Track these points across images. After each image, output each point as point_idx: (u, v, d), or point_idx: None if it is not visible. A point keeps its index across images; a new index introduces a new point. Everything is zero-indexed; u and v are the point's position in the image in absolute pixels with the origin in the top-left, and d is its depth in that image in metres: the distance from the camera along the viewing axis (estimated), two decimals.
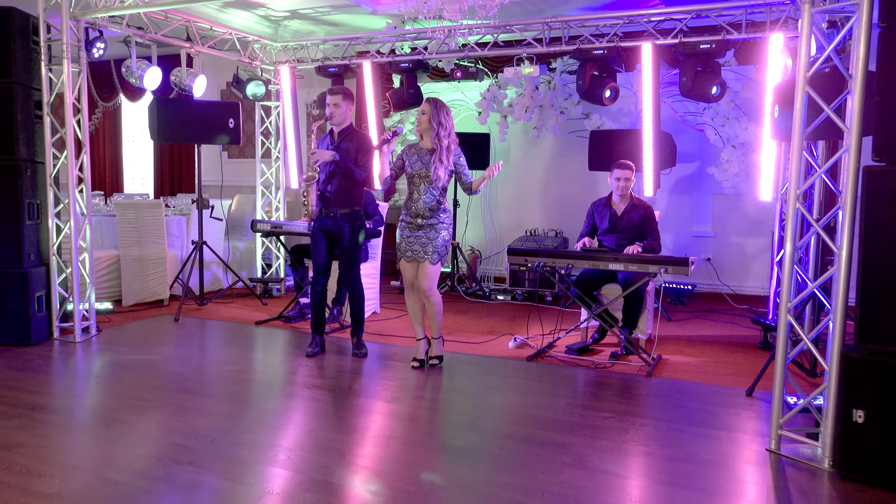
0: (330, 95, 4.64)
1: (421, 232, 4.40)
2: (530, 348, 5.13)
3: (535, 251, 4.77)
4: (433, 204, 4.38)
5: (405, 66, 6.30)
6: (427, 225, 4.39)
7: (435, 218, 4.39)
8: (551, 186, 7.74)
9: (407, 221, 4.47)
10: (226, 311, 6.38)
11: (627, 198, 5.15)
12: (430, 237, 4.38)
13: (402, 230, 4.49)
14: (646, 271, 4.46)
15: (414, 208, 4.42)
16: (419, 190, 4.41)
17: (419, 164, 4.41)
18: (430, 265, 4.39)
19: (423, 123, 4.39)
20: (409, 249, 4.45)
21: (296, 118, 7.05)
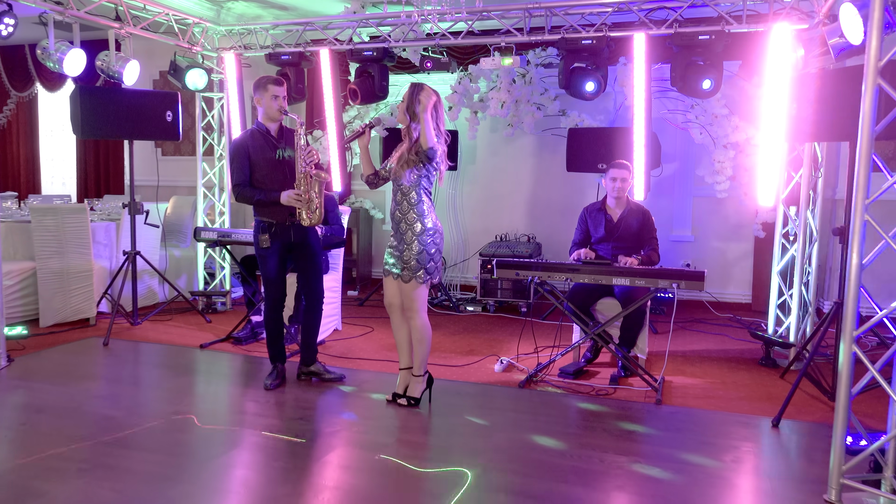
0: (278, 87, 4.00)
1: (398, 242, 3.81)
2: (519, 371, 4.59)
3: (528, 264, 4.21)
4: (402, 208, 3.76)
5: (368, 55, 5.64)
6: (400, 233, 3.79)
7: (406, 224, 3.75)
8: (522, 188, 7.23)
9: (390, 233, 3.89)
10: (164, 330, 5.58)
11: (624, 202, 4.66)
12: (403, 250, 3.76)
13: (388, 242, 3.91)
14: (654, 286, 3.97)
15: (389, 216, 3.84)
16: (393, 193, 3.83)
17: (395, 161, 3.82)
18: (402, 283, 3.77)
19: (398, 114, 3.78)
20: (388, 262, 3.84)
21: (242, 111, 6.29)
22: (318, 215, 3.97)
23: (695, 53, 4.86)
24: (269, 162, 4.01)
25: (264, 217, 4.05)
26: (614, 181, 4.60)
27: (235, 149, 4.03)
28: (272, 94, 3.97)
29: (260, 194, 3.98)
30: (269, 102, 3.99)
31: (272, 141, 4.05)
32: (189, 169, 8.14)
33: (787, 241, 4.92)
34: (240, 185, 4.03)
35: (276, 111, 3.99)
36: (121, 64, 5.26)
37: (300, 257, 4.13)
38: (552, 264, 4.18)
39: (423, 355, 3.87)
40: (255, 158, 4.01)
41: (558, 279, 4.17)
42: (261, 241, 4.04)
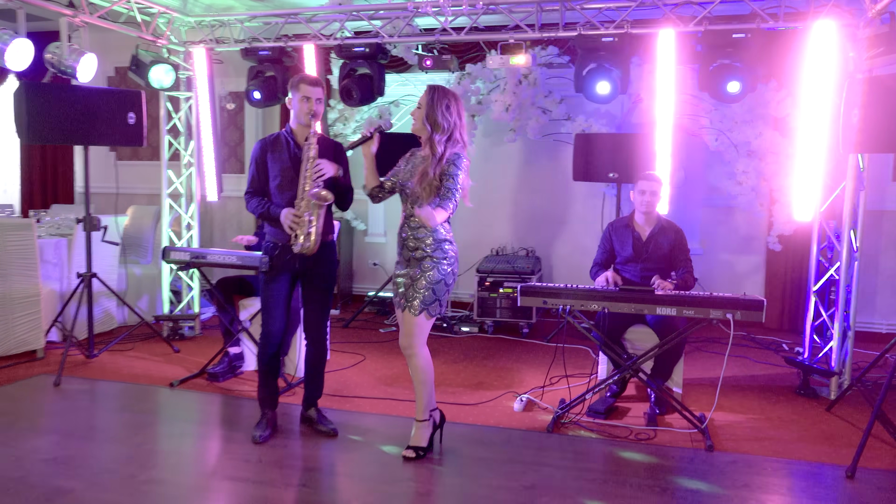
0: (312, 87, 3.40)
1: (402, 268, 3.27)
2: (541, 410, 4.06)
3: (557, 291, 3.69)
4: (417, 233, 3.22)
5: (360, 51, 5.05)
6: (411, 259, 3.23)
7: (422, 250, 3.21)
8: (519, 197, 6.71)
9: (397, 254, 3.31)
10: (125, 364, 4.87)
11: (653, 218, 4.18)
12: (414, 276, 3.21)
13: (396, 264, 3.32)
14: (705, 317, 3.49)
15: (399, 235, 3.30)
16: (406, 212, 3.28)
17: (408, 173, 3.25)
18: (409, 315, 3.21)
19: (415, 123, 3.22)
20: (396, 291, 3.29)
21: (214, 113, 5.61)
22: (313, 244, 3.36)
23: (725, 54, 4.41)
24: (285, 172, 3.44)
25: (271, 235, 3.52)
26: (643, 194, 4.11)
27: (254, 153, 3.53)
28: (303, 94, 3.37)
29: (262, 207, 3.44)
30: (299, 104, 3.39)
31: (293, 149, 3.45)
32: (149, 175, 7.39)
33: (825, 259, 4.52)
34: (248, 193, 3.55)
35: (305, 115, 3.39)
36: (75, 57, 4.55)
37: (309, 289, 3.55)
38: (587, 291, 3.66)
39: (427, 397, 3.34)
40: (271, 167, 3.47)
41: (595, 307, 3.66)
42: (261, 263, 3.47)
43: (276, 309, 3.47)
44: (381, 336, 5.85)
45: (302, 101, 3.38)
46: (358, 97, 5.03)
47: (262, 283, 3.49)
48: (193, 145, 5.74)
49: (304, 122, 3.41)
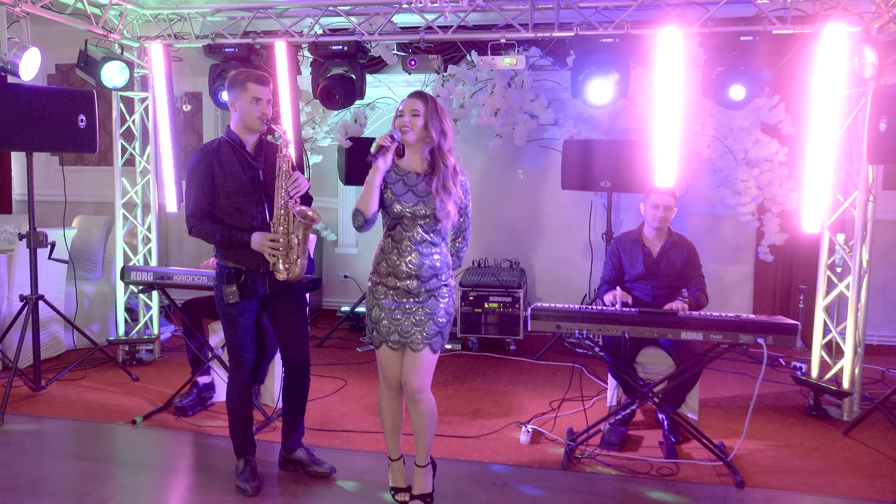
0: (261, 86, 2.97)
1: (413, 301, 2.85)
2: (550, 442, 3.74)
3: (571, 314, 3.37)
4: (431, 259, 2.86)
5: (337, 50, 4.64)
6: (423, 291, 2.85)
7: (436, 279, 2.87)
8: (500, 206, 6.38)
9: (390, 285, 2.87)
10: (78, 396, 4.34)
11: (665, 232, 3.92)
12: (429, 309, 2.86)
13: (381, 298, 2.88)
14: (734, 342, 3.23)
15: (403, 266, 2.84)
16: (412, 237, 2.85)
17: (410, 196, 2.84)
18: (428, 353, 2.86)
19: (415, 130, 2.82)
20: (396, 330, 2.86)
21: (173, 116, 5.11)
22: (300, 268, 2.97)
23: (731, 57, 4.19)
24: (241, 188, 2.97)
25: (230, 262, 3.01)
26: (656, 208, 3.84)
27: (195, 165, 2.97)
28: (252, 94, 2.93)
29: (223, 233, 2.94)
30: (248, 106, 2.94)
31: (247, 159, 3.00)
32: (96, 181, 6.81)
33: (833, 273, 4.35)
34: (195, 215, 2.97)
35: (255, 119, 2.95)
36: (16, 52, 4.00)
37: (277, 313, 3.12)
38: (606, 314, 3.35)
39: (431, 439, 2.98)
40: (221, 181, 2.96)
41: (613, 332, 3.35)
42: (225, 294, 2.97)
43: (248, 342, 3.04)
44: (360, 356, 5.44)
45: (251, 103, 2.92)
46: (341, 99, 4.62)
47: (226, 317, 3.02)
48: (150, 150, 5.21)
49: (255, 127, 2.96)
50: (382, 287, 2.88)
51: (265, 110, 2.95)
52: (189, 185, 2.98)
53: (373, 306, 2.90)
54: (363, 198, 2.80)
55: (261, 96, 2.94)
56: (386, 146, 2.80)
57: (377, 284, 2.90)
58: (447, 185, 2.83)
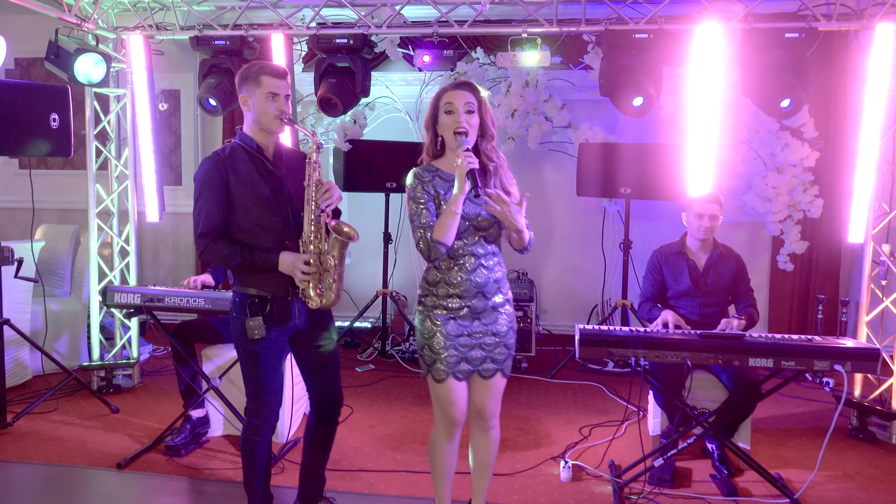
0: (277, 79, 2.52)
1: (481, 322, 2.49)
2: (593, 479, 3.38)
3: (624, 339, 3.01)
4: (496, 275, 2.52)
5: (342, 43, 4.21)
6: (489, 309, 2.49)
7: (501, 294, 2.53)
8: None
9: (452, 308, 2.49)
10: (51, 433, 3.81)
11: (710, 244, 3.60)
12: (500, 330, 2.52)
13: (443, 323, 2.48)
14: (808, 368, 2.91)
15: (467, 284, 2.46)
16: (474, 251, 2.47)
17: (468, 204, 2.45)
18: (500, 379, 2.56)
19: (474, 130, 2.45)
20: (464, 357, 2.49)
21: (155, 115, 4.61)
22: (335, 294, 2.52)
23: (773, 56, 3.90)
24: (262, 200, 2.52)
25: (252, 288, 2.54)
26: (701, 218, 3.51)
27: (205, 176, 2.50)
28: (267, 89, 2.49)
29: (243, 255, 2.47)
30: (264, 104, 2.50)
31: (266, 166, 2.56)
32: (60, 186, 6.24)
33: (879, 286, 4.09)
34: (207, 235, 2.49)
35: (273, 118, 2.51)
36: None
37: (309, 346, 2.67)
38: (663, 340, 3.00)
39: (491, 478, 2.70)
40: (238, 193, 2.50)
41: (672, 358, 3.01)
42: (249, 329, 2.49)
43: (277, 383, 2.59)
44: (361, 378, 5.01)
45: (266, 100, 2.48)
46: (342, 103, 4.19)
47: (248, 354, 2.55)
48: (128, 153, 4.70)
49: (272, 128, 2.52)
50: (442, 311, 2.48)
51: (283, 107, 2.51)
52: (199, 199, 2.50)
53: (432, 335, 2.48)
54: (444, 227, 2.38)
55: (278, 91, 2.50)
56: (476, 168, 2.35)
57: (434, 308, 2.50)
58: (506, 186, 2.50)
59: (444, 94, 2.47)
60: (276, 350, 2.57)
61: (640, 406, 4.35)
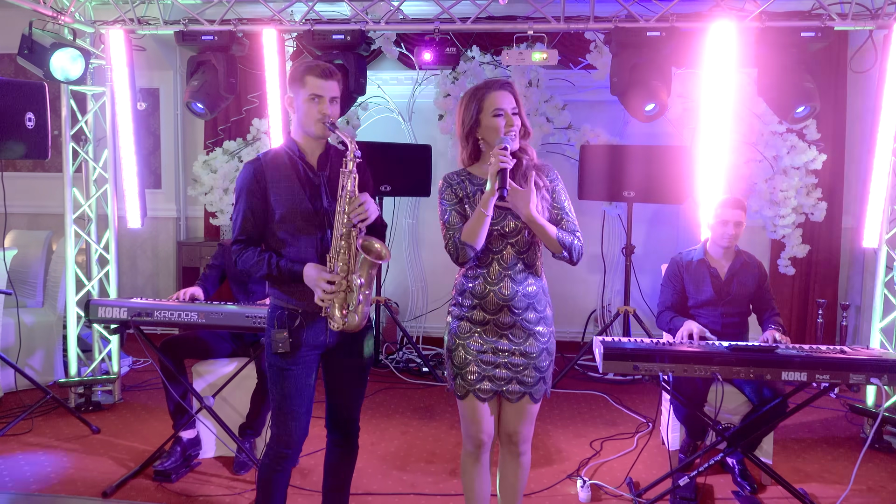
0: (323, 80, 2.31)
1: (509, 340, 2.32)
2: (613, 498, 3.22)
3: (650, 353, 2.85)
4: (529, 283, 2.33)
5: (339, 40, 3.99)
6: (518, 326, 2.31)
7: (533, 311, 2.34)
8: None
9: (477, 321, 2.33)
10: (27, 460, 3.53)
11: (732, 251, 3.46)
12: (530, 350, 2.33)
13: (467, 337, 2.33)
14: (843, 382, 2.78)
15: (492, 296, 2.30)
16: (502, 258, 2.31)
17: (497, 212, 2.30)
18: (529, 404, 2.37)
19: (512, 131, 2.29)
20: (488, 375, 2.32)
21: (136, 116, 4.33)
22: (360, 317, 2.30)
23: (789, 56, 3.78)
24: (299, 209, 2.34)
25: (282, 300, 2.38)
26: (726, 225, 3.37)
27: (242, 182, 2.37)
28: (311, 91, 2.29)
29: (270, 264, 2.32)
30: (306, 106, 2.31)
31: (308, 173, 2.37)
32: (30, 190, 5.91)
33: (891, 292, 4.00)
34: (240, 241, 2.38)
35: (315, 122, 2.31)
36: None
37: (338, 368, 2.47)
38: (692, 354, 2.85)
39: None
40: (275, 201, 2.34)
41: (701, 373, 2.85)
42: (274, 341, 2.33)
43: (302, 406, 2.37)
44: None
45: (310, 103, 2.29)
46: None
47: (274, 370, 2.37)
48: (108, 155, 4.41)
49: (315, 132, 2.33)
50: (467, 323, 2.34)
51: (327, 110, 2.30)
52: (236, 204, 2.39)
53: (456, 347, 2.35)
54: (472, 230, 2.24)
55: (322, 93, 2.29)
56: (509, 167, 2.20)
57: (461, 320, 2.35)
58: (529, 175, 2.30)
59: (487, 96, 2.30)
60: (304, 367, 2.37)
61: (648, 417, 4.24)
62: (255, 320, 3.10)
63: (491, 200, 2.20)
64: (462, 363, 2.32)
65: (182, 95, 5.92)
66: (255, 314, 3.11)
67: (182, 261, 5.74)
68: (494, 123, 2.27)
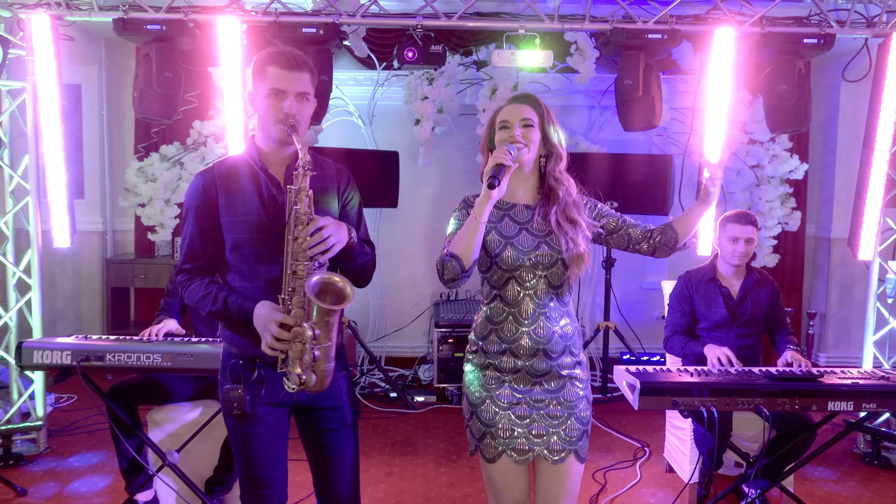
0: (287, 70, 1.86)
1: (542, 390, 2.00)
2: None
3: (688, 387, 2.58)
4: (564, 323, 2.03)
5: (309, 34, 3.53)
6: (554, 371, 2.00)
7: (570, 354, 2.03)
8: None
9: (506, 368, 2.00)
10: None
11: (743, 269, 3.26)
12: (570, 400, 2.01)
13: (495, 388, 2.00)
14: (888, 410, 2.61)
15: (525, 339, 1.98)
16: (534, 296, 1.99)
17: (526, 237, 2.01)
18: (575, 464, 2.01)
19: (531, 146, 2.01)
20: (523, 434, 1.97)
21: (65, 116, 3.71)
22: (321, 376, 1.81)
23: (788, 63, 3.65)
24: (255, 233, 1.90)
25: (236, 345, 1.94)
26: (736, 242, 3.16)
27: (190, 196, 1.94)
28: (272, 84, 1.85)
29: (213, 298, 1.88)
30: (266, 103, 1.87)
31: (270, 188, 1.93)
32: None
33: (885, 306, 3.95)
34: (185, 271, 1.95)
35: (274, 123, 1.87)
36: None
37: (311, 428, 2.02)
38: (731, 386, 2.60)
39: None
40: (229, 221, 1.90)
41: (744, 406, 2.61)
42: (227, 399, 1.87)
43: (270, 471, 1.95)
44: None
45: (270, 98, 1.85)
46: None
47: (234, 432, 1.95)
48: (28, 162, 3.76)
49: (278, 137, 1.88)
50: (494, 371, 2.00)
51: (292, 109, 1.85)
52: (183, 225, 1.97)
53: (481, 401, 2.00)
54: (463, 239, 1.91)
55: (285, 87, 1.85)
56: (507, 165, 1.91)
57: (485, 368, 2.01)
58: (570, 214, 2.02)
59: (501, 110, 2.08)
60: (269, 430, 1.94)
61: (642, 441, 4.02)
62: None
63: (486, 205, 1.88)
64: (491, 419, 1.97)
65: (108, 92, 5.28)
66: None
67: (110, 280, 5.06)
68: (500, 136, 2.01)
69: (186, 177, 4.65)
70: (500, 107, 2.10)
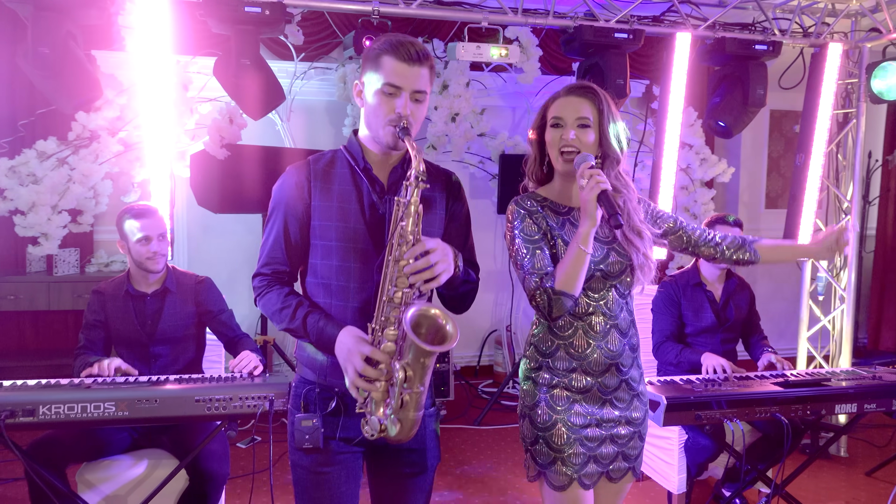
0: (407, 64, 1.54)
1: (613, 407, 1.84)
2: None
3: (706, 399, 2.49)
4: (633, 333, 1.88)
5: (253, 13, 3.06)
6: (623, 387, 1.85)
7: (636, 366, 1.90)
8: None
9: (576, 387, 1.81)
10: None
11: (724, 273, 3.25)
12: (637, 417, 1.89)
13: (566, 410, 1.80)
14: (887, 409, 2.68)
15: (597, 354, 1.80)
16: (604, 307, 1.81)
17: (597, 247, 1.80)
18: (631, 483, 1.94)
19: (582, 145, 1.78)
20: (593, 455, 1.82)
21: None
22: (407, 427, 1.48)
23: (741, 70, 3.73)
24: (350, 242, 1.61)
25: (312, 369, 1.67)
26: None
27: (279, 191, 1.68)
28: (387, 79, 1.56)
29: (292, 314, 1.60)
30: (378, 100, 1.57)
31: (369, 190, 1.63)
32: None
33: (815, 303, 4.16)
34: (263, 275, 1.68)
35: (384, 125, 1.57)
36: None
37: (386, 472, 1.72)
38: (747, 396, 2.55)
39: None
40: (320, 223, 1.62)
41: (761, 415, 2.56)
42: (299, 431, 1.60)
43: None
44: (246, 454, 3.81)
45: (382, 95, 1.56)
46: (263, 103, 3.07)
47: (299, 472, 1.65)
48: None
49: (386, 141, 1.60)
50: (563, 391, 1.81)
51: (406, 109, 1.55)
52: (266, 223, 1.70)
53: (551, 424, 1.79)
54: (570, 273, 1.72)
55: (401, 83, 1.55)
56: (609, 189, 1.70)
57: (553, 388, 1.81)
58: (634, 224, 1.84)
59: (554, 101, 1.84)
60: (343, 470, 1.64)
61: None
62: (211, 405, 2.14)
63: (591, 235, 1.70)
64: (562, 444, 1.78)
65: None
66: (209, 395, 2.15)
67: None
68: (552, 135, 1.81)
69: (78, 178, 3.91)
70: (555, 95, 1.85)
